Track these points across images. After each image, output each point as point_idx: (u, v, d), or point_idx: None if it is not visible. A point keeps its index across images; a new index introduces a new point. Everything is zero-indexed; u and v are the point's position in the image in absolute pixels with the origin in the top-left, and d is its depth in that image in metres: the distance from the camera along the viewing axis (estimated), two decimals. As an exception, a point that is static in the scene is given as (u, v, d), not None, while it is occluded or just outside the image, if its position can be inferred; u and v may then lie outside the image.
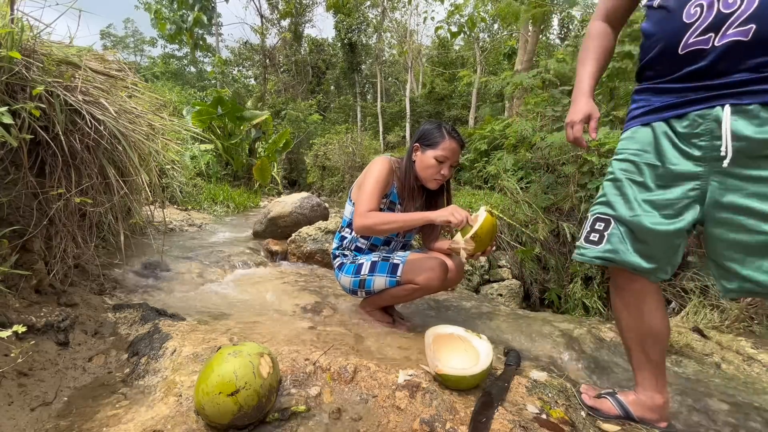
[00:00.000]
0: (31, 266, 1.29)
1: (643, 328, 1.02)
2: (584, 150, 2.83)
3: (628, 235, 0.97)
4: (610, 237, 0.98)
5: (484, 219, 1.34)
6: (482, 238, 1.34)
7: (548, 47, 14.83)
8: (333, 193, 9.84)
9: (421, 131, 1.56)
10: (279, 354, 1.12)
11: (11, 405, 0.91)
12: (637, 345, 1.04)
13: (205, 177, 5.60)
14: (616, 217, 0.99)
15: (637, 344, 1.04)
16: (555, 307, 2.82)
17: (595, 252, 1.00)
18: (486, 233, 1.34)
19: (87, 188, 1.40)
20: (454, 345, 1.19)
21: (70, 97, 1.28)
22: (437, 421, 0.92)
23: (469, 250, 1.35)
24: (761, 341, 1.70)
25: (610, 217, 1.00)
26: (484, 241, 1.35)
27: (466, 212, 1.39)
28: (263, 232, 3.13)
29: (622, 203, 0.98)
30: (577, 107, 1.08)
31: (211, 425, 0.86)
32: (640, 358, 1.04)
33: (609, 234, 0.98)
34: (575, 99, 1.09)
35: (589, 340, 1.66)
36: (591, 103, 1.07)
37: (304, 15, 19.98)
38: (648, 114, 0.97)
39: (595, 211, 1.04)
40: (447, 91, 17.79)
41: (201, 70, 21.99)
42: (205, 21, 10.64)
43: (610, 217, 1.00)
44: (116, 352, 1.22)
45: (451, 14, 6.17)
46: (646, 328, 1.01)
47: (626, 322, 1.04)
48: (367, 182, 1.50)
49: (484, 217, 1.35)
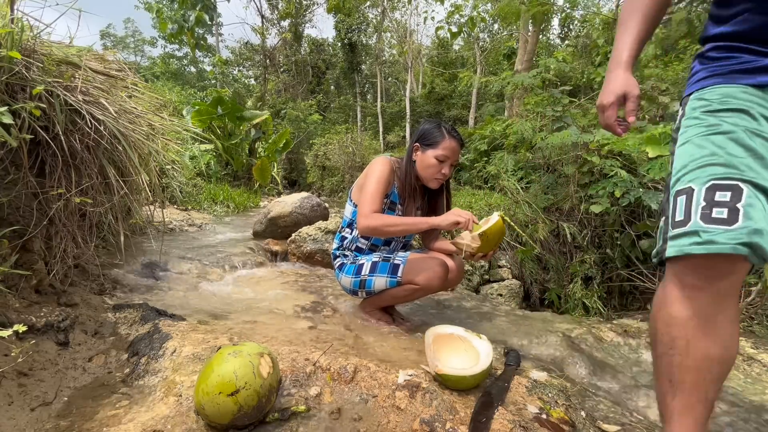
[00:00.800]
0: (31, 266, 1.29)
1: (713, 349, 0.70)
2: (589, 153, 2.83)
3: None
4: (748, 210, 0.65)
5: (495, 222, 1.35)
6: (489, 238, 1.35)
7: (548, 47, 14.83)
8: (333, 193, 9.84)
9: (420, 131, 1.56)
10: (279, 354, 1.12)
11: (11, 405, 0.91)
12: (696, 377, 0.70)
13: (205, 177, 5.61)
14: (750, 181, 0.66)
15: (695, 376, 0.70)
16: (555, 307, 2.82)
17: (733, 235, 0.64)
18: (494, 235, 1.35)
19: (87, 188, 1.39)
20: (454, 345, 1.19)
21: (70, 97, 1.28)
22: (437, 421, 0.92)
23: (473, 248, 1.36)
24: (761, 341, 1.70)
25: (738, 181, 0.67)
26: (491, 242, 1.36)
27: (468, 212, 1.41)
28: (263, 232, 3.13)
29: (751, 161, 0.67)
30: (610, 85, 0.85)
31: (211, 425, 0.86)
32: (690, 399, 0.71)
33: (745, 206, 0.65)
34: (610, 72, 0.86)
35: (589, 340, 1.66)
36: (629, 78, 0.84)
37: (304, 15, 19.99)
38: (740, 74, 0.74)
39: (702, 177, 0.70)
40: (447, 91, 17.79)
41: (201, 70, 22.00)
42: (207, 21, 10.65)
43: (738, 181, 0.67)
44: (116, 352, 1.22)
45: (451, 14, 6.17)
46: (719, 349, 0.70)
47: (687, 341, 0.71)
48: (368, 183, 1.50)
49: (495, 220, 1.36)
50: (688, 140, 0.76)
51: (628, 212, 2.64)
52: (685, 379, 0.71)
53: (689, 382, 0.71)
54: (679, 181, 0.74)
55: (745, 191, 0.66)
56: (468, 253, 1.38)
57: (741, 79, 0.74)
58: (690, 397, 0.71)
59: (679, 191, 0.73)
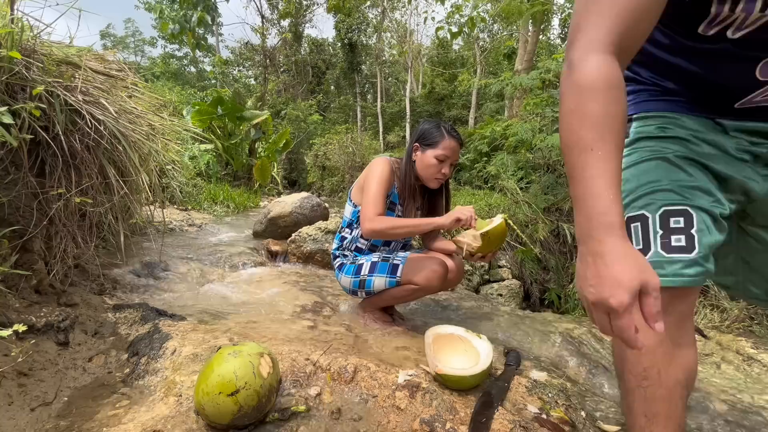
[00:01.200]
0: (31, 266, 1.29)
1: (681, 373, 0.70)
2: None
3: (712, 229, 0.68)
4: (700, 236, 0.66)
5: (498, 223, 1.36)
6: (491, 239, 1.35)
7: (548, 47, 14.83)
8: (333, 193, 9.84)
9: (420, 131, 1.56)
10: (279, 354, 1.12)
11: (11, 405, 0.91)
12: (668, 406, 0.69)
13: (205, 177, 5.60)
14: (695, 206, 0.68)
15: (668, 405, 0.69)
16: (555, 307, 2.82)
17: (697, 269, 0.65)
18: (495, 237, 1.36)
19: (87, 188, 1.40)
20: (454, 345, 1.19)
21: (70, 97, 1.28)
22: (437, 421, 0.92)
23: (474, 247, 1.36)
24: (761, 341, 1.70)
25: (687, 206, 0.68)
26: (492, 243, 1.36)
27: (470, 207, 1.41)
28: (263, 232, 3.13)
29: (690, 187, 0.69)
30: (614, 271, 0.49)
31: (211, 425, 0.86)
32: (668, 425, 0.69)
33: (697, 232, 0.66)
34: (600, 243, 0.51)
35: (590, 340, 1.66)
36: (638, 257, 0.50)
37: (304, 15, 19.99)
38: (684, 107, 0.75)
39: (654, 203, 0.70)
40: (447, 91, 17.79)
41: (201, 70, 22.01)
42: (209, 21, 10.69)
43: (687, 206, 0.68)
44: (116, 352, 1.22)
45: (451, 14, 6.18)
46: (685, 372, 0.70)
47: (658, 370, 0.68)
48: (370, 184, 1.50)
49: (499, 221, 1.36)
50: (633, 164, 0.75)
51: (628, 212, 2.64)
52: (660, 411, 0.69)
53: (664, 413, 0.69)
54: (628, 208, 0.72)
55: (695, 217, 0.67)
56: (468, 252, 1.38)
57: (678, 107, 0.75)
58: (666, 429, 0.69)
59: (630, 218, 0.72)
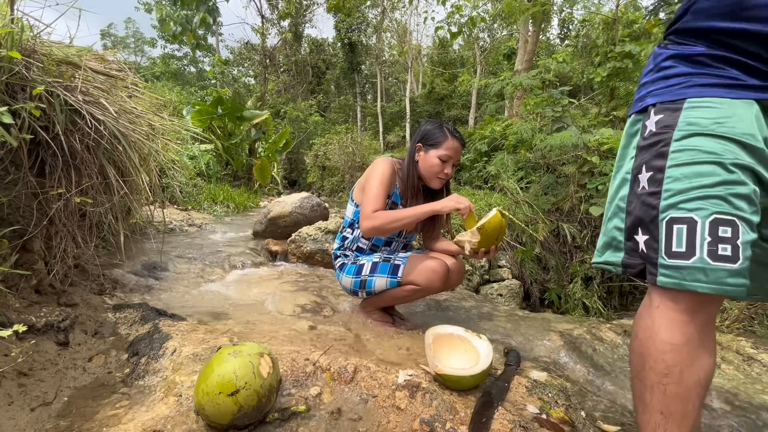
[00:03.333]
0: (31, 266, 1.29)
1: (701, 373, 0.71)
2: (589, 153, 2.83)
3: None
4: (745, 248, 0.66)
5: (493, 215, 1.34)
6: (488, 232, 1.33)
7: (548, 47, 14.84)
8: (333, 193, 9.84)
9: (423, 131, 1.57)
10: (279, 354, 1.12)
11: (11, 405, 0.91)
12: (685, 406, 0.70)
13: (205, 177, 5.60)
14: (742, 218, 0.67)
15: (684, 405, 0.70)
16: (555, 307, 2.82)
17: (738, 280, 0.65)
18: (493, 229, 1.34)
19: (87, 188, 1.40)
20: (454, 345, 1.19)
21: (70, 97, 1.28)
22: (437, 421, 0.92)
23: (474, 243, 1.35)
24: (761, 341, 1.70)
25: (735, 217, 0.67)
26: (490, 236, 1.34)
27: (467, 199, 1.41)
28: (263, 232, 3.13)
29: (740, 196, 0.67)
30: None
31: (211, 425, 0.86)
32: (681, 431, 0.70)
33: (742, 243, 0.66)
34: None
35: (589, 340, 1.66)
36: None
37: (304, 15, 19.99)
38: (742, 89, 0.71)
39: (705, 209, 0.68)
40: (447, 91, 17.80)
41: (201, 70, 22.01)
42: (211, 22, 10.74)
43: (735, 217, 0.67)
44: (116, 352, 1.22)
45: (451, 14, 6.18)
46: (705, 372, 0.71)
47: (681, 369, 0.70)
48: (371, 183, 1.51)
49: (493, 213, 1.35)
50: (685, 163, 0.71)
51: (628, 212, 2.64)
52: (677, 410, 0.70)
53: (680, 412, 0.70)
54: (675, 208, 0.70)
55: (741, 228, 0.66)
56: (471, 249, 1.37)
57: (743, 93, 0.70)
58: (681, 428, 0.70)
59: (675, 219, 0.70)
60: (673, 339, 0.70)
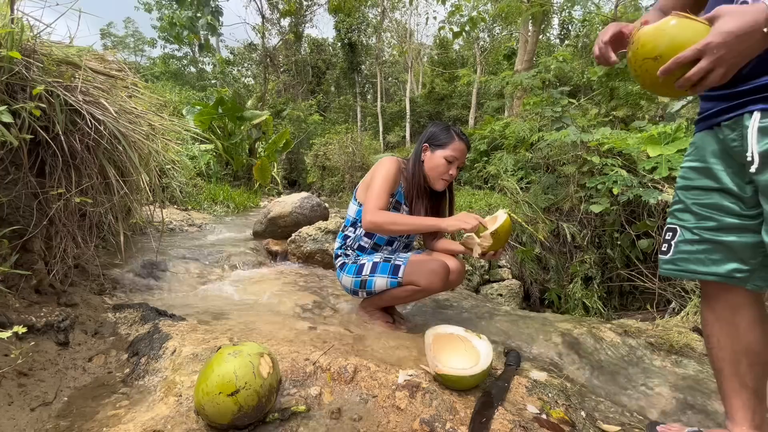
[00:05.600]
0: (31, 266, 1.29)
1: (737, 345, 0.88)
2: (589, 152, 2.83)
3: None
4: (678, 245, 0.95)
5: (504, 219, 1.37)
6: (500, 236, 1.36)
7: (548, 47, 14.83)
8: (333, 193, 9.83)
9: (429, 133, 1.59)
10: (279, 354, 1.12)
11: (11, 405, 0.91)
12: (731, 366, 0.89)
13: (205, 177, 5.60)
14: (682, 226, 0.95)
15: (730, 365, 0.89)
16: (555, 307, 2.82)
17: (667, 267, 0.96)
18: (505, 233, 1.37)
19: (87, 188, 1.40)
20: (454, 345, 1.19)
21: (70, 97, 1.28)
22: (437, 421, 0.92)
23: (485, 247, 1.36)
24: (761, 341, 1.70)
25: (677, 226, 0.94)
26: (501, 240, 1.37)
27: (475, 216, 1.40)
28: (263, 232, 3.13)
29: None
30: None
31: (211, 425, 0.86)
32: (732, 384, 0.89)
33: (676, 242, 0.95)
34: None
35: (589, 340, 1.66)
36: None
37: (304, 15, 19.97)
38: (701, 121, 0.91)
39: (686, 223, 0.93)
40: (447, 91, 17.80)
41: (201, 70, 22.00)
42: (216, 26, 10.82)
43: (677, 226, 0.94)
44: (116, 352, 1.22)
45: (451, 14, 6.19)
46: (743, 345, 0.88)
47: (717, 339, 0.91)
48: (376, 180, 1.52)
49: (504, 218, 1.38)
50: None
51: (628, 212, 2.65)
52: (723, 368, 0.91)
53: (726, 371, 0.90)
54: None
55: (678, 230, 0.93)
56: (479, 252, 1.38)
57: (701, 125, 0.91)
58: (731, 383, 0.89)
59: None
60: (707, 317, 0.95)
